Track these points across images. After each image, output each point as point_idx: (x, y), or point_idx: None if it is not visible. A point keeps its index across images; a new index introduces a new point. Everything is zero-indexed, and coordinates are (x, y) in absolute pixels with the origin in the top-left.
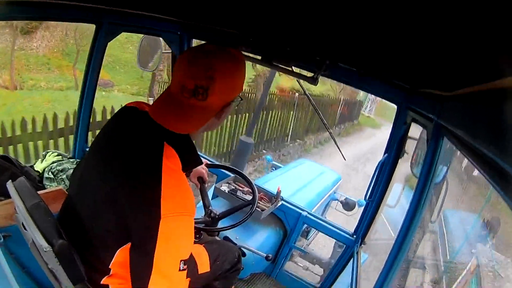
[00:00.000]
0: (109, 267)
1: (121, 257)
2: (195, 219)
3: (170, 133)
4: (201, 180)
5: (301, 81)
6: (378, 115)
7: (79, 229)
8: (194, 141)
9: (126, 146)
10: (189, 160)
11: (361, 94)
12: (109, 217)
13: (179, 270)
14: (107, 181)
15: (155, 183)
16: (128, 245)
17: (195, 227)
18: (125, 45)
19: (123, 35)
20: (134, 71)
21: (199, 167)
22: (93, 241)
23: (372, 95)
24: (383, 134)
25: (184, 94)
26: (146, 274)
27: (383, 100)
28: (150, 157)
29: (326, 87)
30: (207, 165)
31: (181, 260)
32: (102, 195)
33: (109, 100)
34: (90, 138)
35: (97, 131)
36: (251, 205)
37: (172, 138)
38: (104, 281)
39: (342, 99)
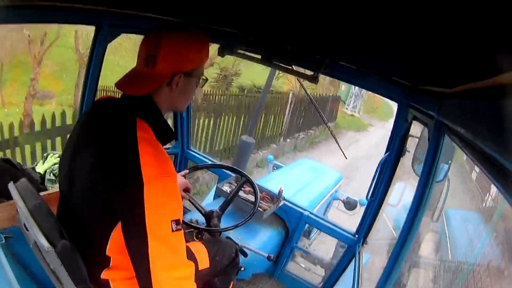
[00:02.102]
0: (106, 254)
1: (116, 240)
2: (197, 220)
3: (141, 109)
4: (187, 190)
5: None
6: (367, 112)
7: (74, 223)
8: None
9: (101, 127)
10: (162, 134)
11: (343, 87)
12: (95, 201)
13: (172, 231)
14: (87, 165)
15: (133, 153)
16: (120, 224)
17: (198, 228)
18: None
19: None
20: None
21: (179, 180)
22: (87, 231)
23: (356, 88)
24: (371, 138)
25: (141, 65)
26: (143, 243)
27: (373, 94)
28: (124, 131)
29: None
30: (185, 174)
31: (172, 221)
32: (85, 180)
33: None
34: None
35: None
36: (252, 205)
37: (143, 113)
38: (104, 274)
39: (291, 95)
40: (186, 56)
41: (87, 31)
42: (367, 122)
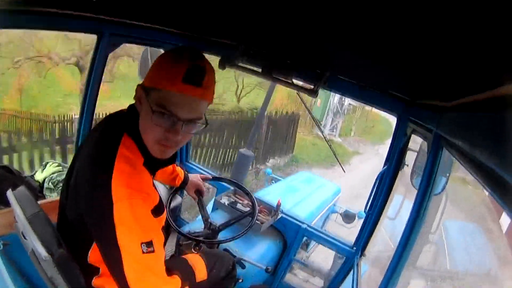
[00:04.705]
0: (88, 261)
1: (97, 251)
2: (195, 232)
3: (131, 125)
4: (198, 193)
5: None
6: (359, 134)
7: (68, 231)
8: None
9: (94, 141)
10: (148, 156)
11: (318, 103)
12: (77, 213)
13: (143, 252)
14: (76, 176)
15: (107, 170)
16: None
17: (196, 239)
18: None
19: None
20: (24, 99)
21: (196, 180)
22: (79, 241)
23: (335, 102)
24: (347, 182)
25: None
26: (118, 260)
27: (366, 112)
28: (107, 146)
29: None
30: (206, 178)
31: (141, 243)
32: (73, 191)
33: None
34: None
35: None
36: (250, 218)
37: (133, 130)
38: (94, 282)
39: None
40: (152, 69)
41: None
42: (352, 149)
